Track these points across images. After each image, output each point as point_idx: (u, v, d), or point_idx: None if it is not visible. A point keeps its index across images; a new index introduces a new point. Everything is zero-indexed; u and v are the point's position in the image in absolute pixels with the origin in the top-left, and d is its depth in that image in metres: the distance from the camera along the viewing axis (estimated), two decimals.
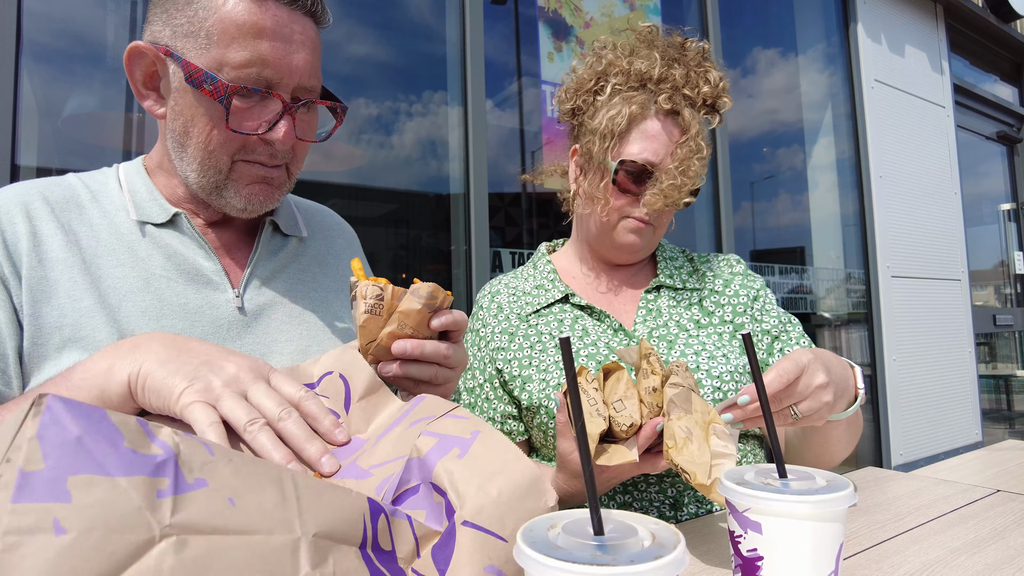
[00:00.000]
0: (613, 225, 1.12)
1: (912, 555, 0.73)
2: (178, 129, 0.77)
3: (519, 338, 1.12)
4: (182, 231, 0.83)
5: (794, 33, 3.74)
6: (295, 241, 0.94)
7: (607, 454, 0.72)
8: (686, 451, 0.69)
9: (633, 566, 0.36)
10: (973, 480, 1.08)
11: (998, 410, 5.17)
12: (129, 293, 0.76)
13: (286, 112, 0.76)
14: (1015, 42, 4.79)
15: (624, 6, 2.81)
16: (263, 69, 0.73)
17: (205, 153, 0.76)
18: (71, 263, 0.75)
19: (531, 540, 0.40)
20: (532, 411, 1.07)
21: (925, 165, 3.99)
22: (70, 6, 1.66)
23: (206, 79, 0.71)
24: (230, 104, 0.72)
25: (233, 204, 0.80)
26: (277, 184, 0.82)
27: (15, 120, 1.52)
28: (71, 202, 0.80)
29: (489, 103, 2.38)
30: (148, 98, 0.79)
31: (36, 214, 0.76)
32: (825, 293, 3.65)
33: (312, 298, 0.91)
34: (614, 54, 1.12)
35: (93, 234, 0.79)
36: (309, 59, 0.77)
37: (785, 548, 0.52)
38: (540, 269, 1.22)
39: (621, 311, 1.15)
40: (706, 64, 1.09)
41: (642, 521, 0.44)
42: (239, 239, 0.89)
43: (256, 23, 0.72)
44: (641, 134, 1.07)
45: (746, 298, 1.16)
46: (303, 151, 0.84)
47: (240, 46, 0.71)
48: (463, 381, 1.17)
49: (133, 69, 0.77)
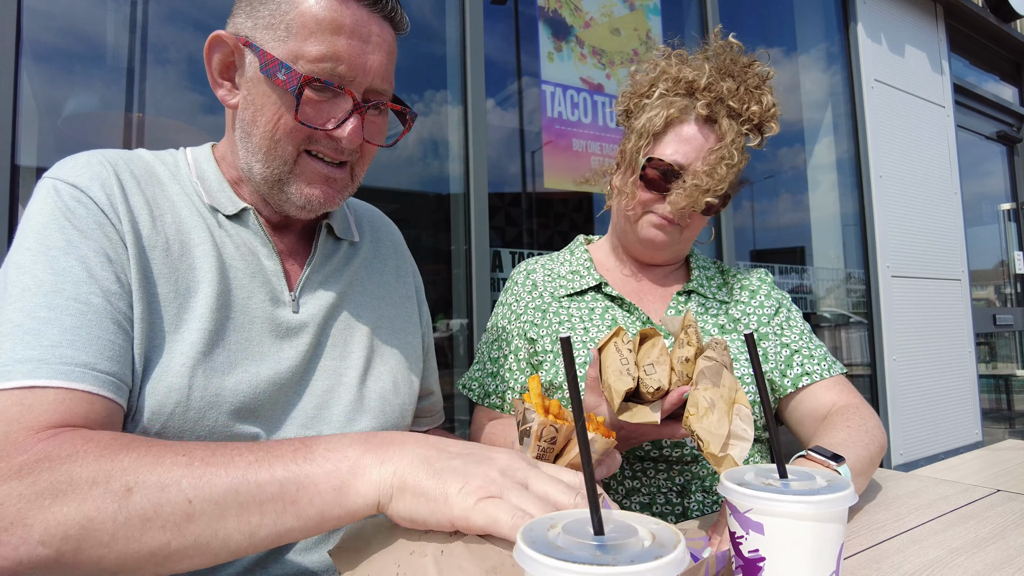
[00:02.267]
0: (637, 219, 1.16)
1: (912, 555, 0.73)
2: (247, 118, 0.77)
3: (550, 315, 1.17)
4: (248, 227, 0.82)
5: (794, 33, 3.74)
6: (347, 245, 0.94)
7: (631, 412, 0.74)
8: (705, 420, 0.69)
9: (633, 566, 0.36)
10: (973, 480, 1.08)
11: (998, 410, 5.16)
12: (205, 277, 0.75)
13: (356, 111, 0.76)
14: (1015, 42, 4.79)
15: (624, 6, 2.80)
16: (337, 65, 0.73)
17: (271, 142, 0.76)
18: (155, 242, 0.73)
19: (531, 540, 0.40)
20: (554, 388, 1.11)
21: (925, 165, 3.99)
22: (70, 5, 1.66)
23: (280, 68, 0.72)
24: (301, 94, 0.72)
25: (294, 201, 0.79)
26: (340, 187, 0.81)
27: (15, 120, 1.52)
28: (152, 177, 0.78)
29: (489, 103, 2.38)
30: (222, 87, 0.79)
31: (127, 184, 0.74)
32: (825, 293, 3.65)
33: (359, 303, 0.91)
34: (667, 62, 1.17)
35: (175, 211, 0.77)
36: (384, 62, 0.77)
37: (787, 549, 0.52)
38: (577, 256, 1.27)
39: (650, 308, 1.19)
40: (764, 88, 1.13)
41: (642, 521, 0.44)
42: (297, 243, 0.89)
43: (335, 19, 0.72)
44: (676, 136, 1.11)
45: (770, 309, 1.20)
46: (370, 154, 0.84)
47: (317, 40, 0.72)
48: (489, 351, 1.21)
49: (211, 57, 0.77)
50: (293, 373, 0.80)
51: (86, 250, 0.67)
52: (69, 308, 0.63)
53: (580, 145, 2.59)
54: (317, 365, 0.83)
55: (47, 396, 0.59)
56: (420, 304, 1.05)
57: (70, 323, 0.63)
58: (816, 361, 1.15)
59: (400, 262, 1.04)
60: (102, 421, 0.62)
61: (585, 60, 2.65)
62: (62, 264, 0.65)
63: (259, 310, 0.79)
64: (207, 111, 1.86)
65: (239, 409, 0.74)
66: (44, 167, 1.61)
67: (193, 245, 0.76)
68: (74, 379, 0.61)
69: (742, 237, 3.25)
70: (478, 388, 1.19)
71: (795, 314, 1.22)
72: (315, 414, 0.81)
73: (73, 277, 0.65)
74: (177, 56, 1.81)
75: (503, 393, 1.15)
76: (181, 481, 0.53)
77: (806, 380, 1.12)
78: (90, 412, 0.61)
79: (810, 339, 1.18)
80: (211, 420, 0.71)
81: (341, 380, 0.84)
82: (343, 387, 0.84)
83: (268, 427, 0.77)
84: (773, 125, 1.15)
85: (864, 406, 1.09)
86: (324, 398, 0.82)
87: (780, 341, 1.16)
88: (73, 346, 0.62)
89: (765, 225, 3.49)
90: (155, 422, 0.68)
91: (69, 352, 0.61)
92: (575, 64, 2.63)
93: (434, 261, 2.32)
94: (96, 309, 0.65)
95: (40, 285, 0.64)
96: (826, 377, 1.13)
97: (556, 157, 2.54)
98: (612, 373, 0.75)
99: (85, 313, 0.64)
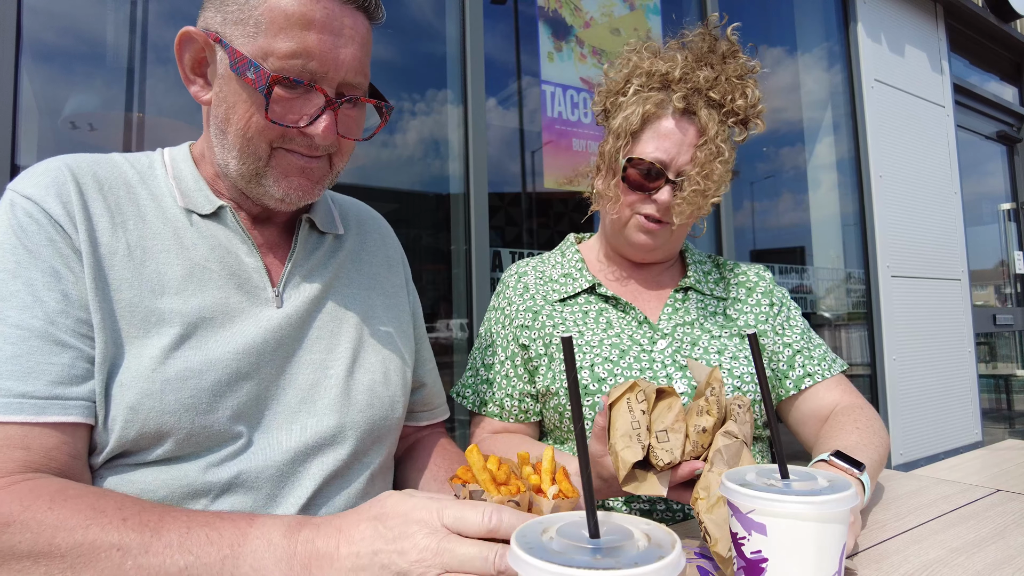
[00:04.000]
0: (625, 223, 1.13)
1: (912, 555, 0.73)
2: (220, 115, 0.76)
3: (543, 318, 1.14)
4: (226, 224, 0.81)
5: (794, 33, 3.74)
6: (331, 238, 0.93)
7: (637, 482, 0.70)
8: (716, 512, 0.64)
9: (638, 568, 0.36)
10: (973, 480, 1.08)
11: (998, 410, 5.16)
12: (171, 283, 0.75)
13: (328, 107, 0.75)
14: (1015, 42, 4.79)
15: (624, 6, 2.80)
16: (308, 61, 0.72)
17: (244, 140, 0.75)
18: (114, 249, 0.73)
19: (527, 545, 0.39)
20: (550, 394, 1.09)
21: (925, 165, 3.99)
22: (70, 5, 1.66)
23: (249, 67, 0.71)
24: (271, 94, 0.72)
25: (272, 194, 0.79)
26: (317, 177, 0.81)
27: (15, 120, 1.52)
28: (119, 181, 0.78)
29: (489, 103, 2.38)
30: (195, 83, 0.79)
31: (87, 191, 0.74)
32: (825, 293, 3.65)
33: (347, 295, 0.91)
34: (638, 56, 1.13)
35: (140, 216, 0.77)
36: (357, 55, 0.76)
37: (790, 549, 0.52)
38: (568, 258, 1.24)
39: (646, 306, 1.16)
40: (747, 81, 1.09)
41: (634, 523, 0.44)
42: (278, 236, 0.88)
43: (305, 14, 0.71)
44: (654, 133, 1.08)
45: (768, 306, 1.18)
46: (349, 147, 0.83)
47: (287, 36, 0.71)
48: (483, 357, 1.19)
49: (182, 53, 0.77)
50: (275, 368, 0.80)
51: (34, 271, 0.68)
52: (11, 336, 0.65)
53: (580, 145, 2.59)
54: (301, 359, 0.82)
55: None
56: (410, 293, 1.04)
57: (11, 352, 0.64)
58: (817, 361, 1.14)
59: (390, 252, 1.03)
60: (45, 452, 0.64)
61: (585, 60, 2.65)
62: (9, 288, 0.67)
63: (237, 309, 0.78)
64: None
65: (220, 407, 0.74)
66: None
67: (158, 251, 0.76)
68: (11, 411, 0.63)
69: (742, 237, 3.25)
70: (472, 395, 1.17)
71: (795, 312, 1.21)
72: (299, 408, 0.81)
73: (18, 302, 0.66)
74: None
75: (500, 400, 1.13)
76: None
77: (808, 381, 1.12)
78: (30, 448, 0.63)
79: (810, 337, 1.18)
80: (189, 421, 0.71)
81: (327, 373, 0.84)
82: (329, 379, 0.84)
83: (251, 424, 0.77)
84: (758, 122, 1.11)
85: (867, 406, 1.08)
86: (309, 392, 0.82)
87: (781, 340, 1.15)
88: (12, 377, 0.64)
89: (765, 225, 3.49)
90: (131, 428, 0.69)
91: (8, 384, 0.63)
92: (575, 64, 2.63)
93: (434, 261, 2.32)
94: (38, 333, 0.66)
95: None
96: (828, 377, 1.13)
97: (556, 157, 2.54)
98: (621, 437, 0.69)
99: (27, 339, 0.65)
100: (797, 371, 1.13)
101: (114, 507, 0.60)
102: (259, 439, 0.77)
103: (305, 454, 0.79)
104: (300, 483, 0.78)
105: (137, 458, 0.71)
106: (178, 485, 0.71)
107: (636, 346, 1.08)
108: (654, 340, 1.10)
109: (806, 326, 1.20)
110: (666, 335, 1.10)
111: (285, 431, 0.79)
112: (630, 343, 1.08)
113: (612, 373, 1.05)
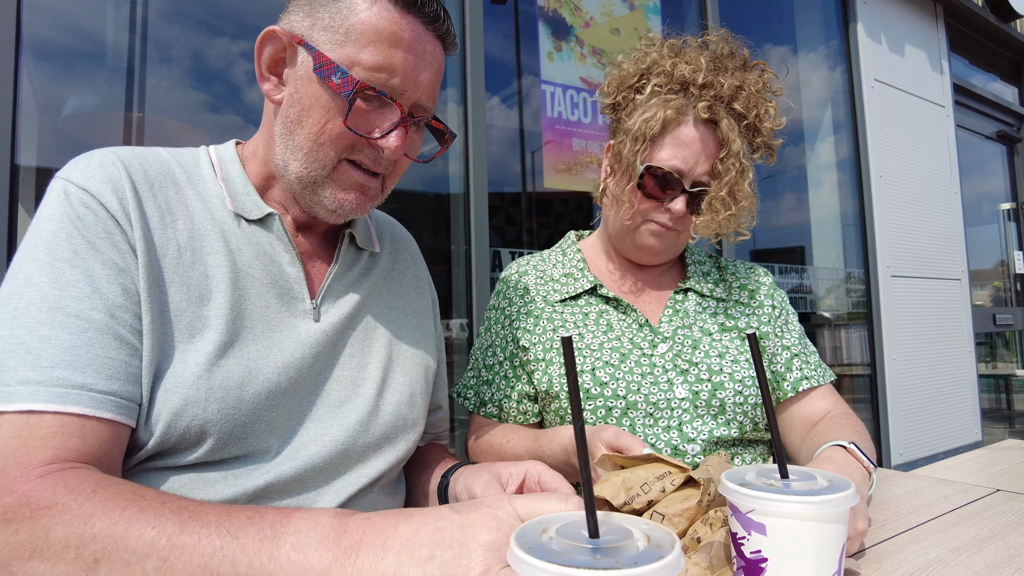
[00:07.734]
0: (635, 227, 1.12)
1: (912, 555, 0.73)
2: (292, 116, 0.76)
3: (543, 320, 1.13)
4: (272, 231, 0.81)
5: (794, 33, 3.74)
6: (368, 255, 0.94)
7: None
8: None
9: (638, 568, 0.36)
10: (973, 480, 1.08)
11: (998, 410, 5.16)
12: (217, 287, 0.74)
13: (402, 123, 0.76)
14: (1015, 42, 4.79)
15: (624, 6, 2.80)
16: (391, 77, 0.74)
17: (314, 145, 0.76)
18: (166, 249, 0.72)
19: (527, 545, 0.39)
20: (550, 397, 1.08)
21: (925, 165, 3.99)
22: (70, 4, 1.66)
23: (335, 71, 0.72)
24: (355, 101, 0.73)
25: (325, 204, 0.79)
26: (371, 195, 0.82)
27: (15, 120, 1.52)
28: (168, 179, 0.77)
29: (489, 103, 2.38)
30: (268, 81, 0.79)
31: (140, 187, 0.73)
32: (825, 293, 3.65)
33: (378, 314, 0.91)
34: (659, 53, 1.10)
35: (189, 217, 0.76)
36: (433, 80, 0.78)
37: (790, 549, 0.52)
38: (569, 257, 1.22)
39: (647, 308, 1.16)
40: (771, 101, 1.08)
41: (634, 523, 0.44)
42: (320, 247, 0.88)
43: (395, 32, 0.73)
44: (674, 140, 1.05)
45: (770, 308, 1.18)
46: (404, 167, 0.84)
47: (376, 50, 0.72)
48: (484, 358, 1.18)
49: (262, 50, 0.77)
50: (311, 384, 0.80)
51: (93, 262, 0.67)
52: (70, 325, 0.63)
53: (580, 145, 2.59)
54: (334, 375, 0.83)
55: (43, 423, 0.60)
56: (435, 317, 1.04)
57: (69, 342, 0.63)
58: (812, 367, 1.14)
59: (419, 273, 1.03)
60: (99, 444, 0.63)
61: (585, 60, 2.65)
62: (68, 277, 0.65)
63: (277, 319, 0.78)
64: (207, 110, 1.86)
65: (257, 420, 0.74)
66: (44, 167, 1.61)
67: (206, 253, 0.75)
68: (69, 402, 0.61)
69: None
70: (473, 396, 1.16)
71: (792, 316, 1.21)
72: (329, 424, 0.80)
73: (77, 291, 0.65)
74: (177, 55, 1.81)
75: (499, 402, 1.13)
76: (145, 562, 0.53)
77: (805, 384, 1.12)
78: (86, 437, 0.62)
79: (805, 343, 1.18)
80: (228, 432, 0.71)
81: (358, 391, 0.84)
82: (360, 397, 0.84)
83: (282, 438, 0.77)
84: (772, 153, 1.12)
85: (854, 415, 1.09)
86: (339, 408, 0.82)
87: (781, 343, 1.15)
88: (71, 367, 0.62)
89: (765, 225, 3.49)
90: (172, 433, 0.68)
91: (66, 374, 0.62)
92: (575, 64, 2.63)
93: (434, 261, 2.32)
94: (98, 325, 0.65)
95: (44, 299, 0.64)
96: (822, 383, 1.13)
97: (556, 157, 2.54)
98: (622, 482, 0.65)
99: (86, 331, 0.64)
100: (795, 374, 1.13)
101: (155, 494, 0.59)
102: (286, 453, 0.77)
103: (331, 471, 0.79)
104: (322, 500, 0.78)
105: (164, 461, 0.70)
106: (202, 495, 0.70)
107: (637, 350, 1.08)
108: (655, 344, 1.09)
109: (802, 331, 1.20)
110: (667, 339, 1.10)
111: (314, 446, 0.78)
112: (631, 347, 1.08)
113: (613, 377, 1.04)
